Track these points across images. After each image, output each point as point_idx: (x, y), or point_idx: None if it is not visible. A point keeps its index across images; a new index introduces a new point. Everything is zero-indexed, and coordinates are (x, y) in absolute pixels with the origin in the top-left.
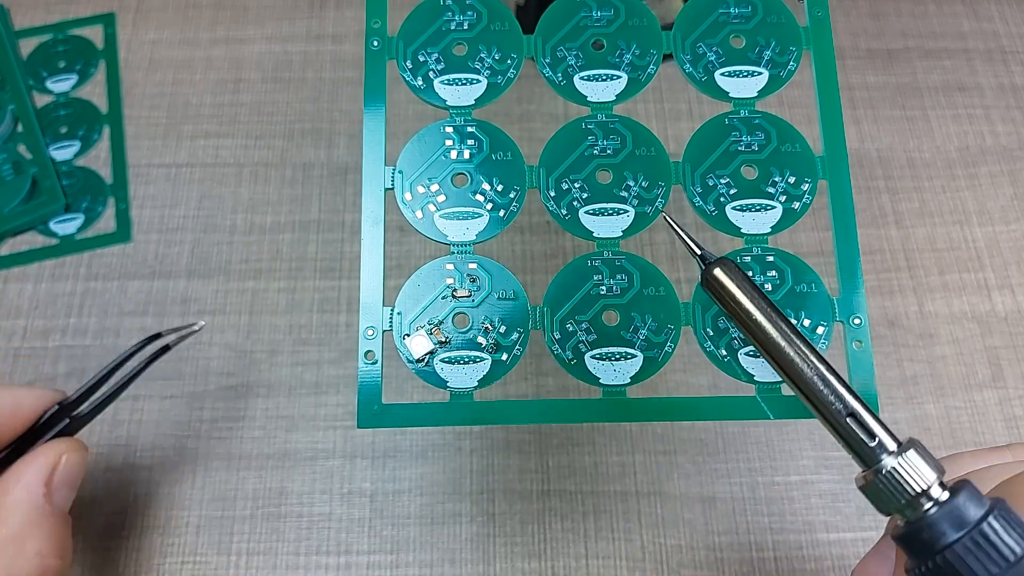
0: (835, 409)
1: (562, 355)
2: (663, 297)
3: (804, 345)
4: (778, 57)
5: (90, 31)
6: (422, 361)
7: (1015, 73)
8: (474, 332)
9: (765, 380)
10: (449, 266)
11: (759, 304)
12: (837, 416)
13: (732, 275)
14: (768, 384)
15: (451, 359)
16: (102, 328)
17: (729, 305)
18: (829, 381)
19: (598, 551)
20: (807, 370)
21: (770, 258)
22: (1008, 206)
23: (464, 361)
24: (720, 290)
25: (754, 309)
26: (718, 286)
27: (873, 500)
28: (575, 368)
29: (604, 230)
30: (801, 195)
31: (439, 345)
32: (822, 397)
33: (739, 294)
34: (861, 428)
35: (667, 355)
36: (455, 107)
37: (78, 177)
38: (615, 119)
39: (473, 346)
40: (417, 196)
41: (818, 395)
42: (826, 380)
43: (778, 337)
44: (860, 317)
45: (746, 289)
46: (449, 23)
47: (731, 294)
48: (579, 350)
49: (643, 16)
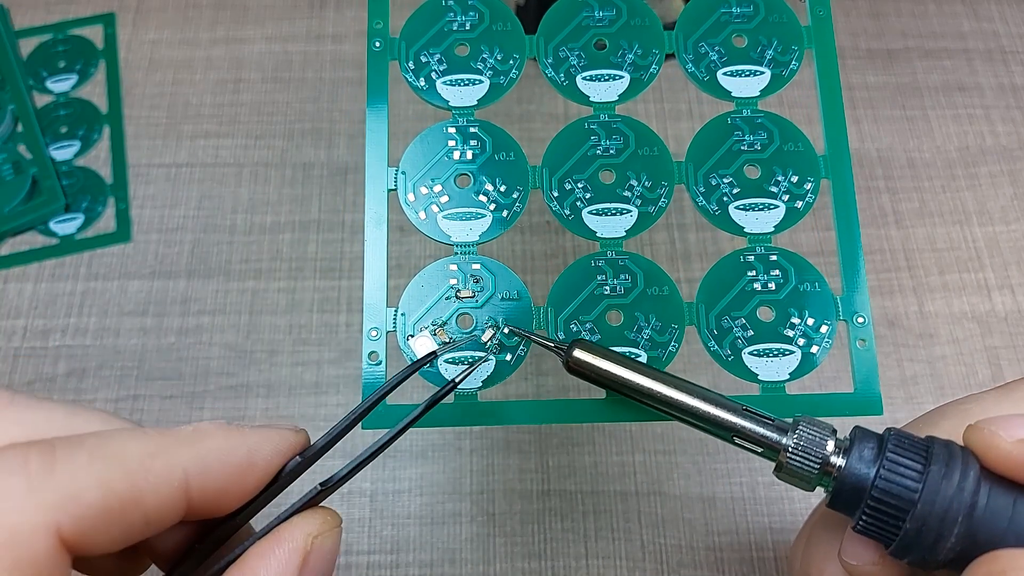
0: (729, 423)
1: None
2: (667, 297)
3: (679, 381)
4: (780, 56)
5: (90, 31)
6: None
7: (1015, 73)
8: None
9: (770, 379)
10: (452, 267)
11: (627, 364)
12: (732, 428)
13: (591, 350)
14: (772, 383)
15: (455, 359)
16: (102, 328)
17: (600, 376)
18: (715, 400)
19: (598, 551)
20: (692, 400)
21: (773, 257)
22: (1008, 206)
23: (469, 362)
24: (586, 368)
25: (624, 370)
26: (584, 365)
27: (794, 482)
28: None
29: (607, 230)
30: (804, 194)
31: (443, 346)
32: (714, 418)
33: (605, 363)
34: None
35: (671, 354)
36: (457, 108)
37: (78, 177)
38: (618, 119)
39: (477, 346)
40: (420, 197)
41: (711, 417)
42: (711, 400)
43: (656, 384)
44: (864, 316)
45: (609, 356)
46: (451, 24)
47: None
48: None
49: (645, 16)
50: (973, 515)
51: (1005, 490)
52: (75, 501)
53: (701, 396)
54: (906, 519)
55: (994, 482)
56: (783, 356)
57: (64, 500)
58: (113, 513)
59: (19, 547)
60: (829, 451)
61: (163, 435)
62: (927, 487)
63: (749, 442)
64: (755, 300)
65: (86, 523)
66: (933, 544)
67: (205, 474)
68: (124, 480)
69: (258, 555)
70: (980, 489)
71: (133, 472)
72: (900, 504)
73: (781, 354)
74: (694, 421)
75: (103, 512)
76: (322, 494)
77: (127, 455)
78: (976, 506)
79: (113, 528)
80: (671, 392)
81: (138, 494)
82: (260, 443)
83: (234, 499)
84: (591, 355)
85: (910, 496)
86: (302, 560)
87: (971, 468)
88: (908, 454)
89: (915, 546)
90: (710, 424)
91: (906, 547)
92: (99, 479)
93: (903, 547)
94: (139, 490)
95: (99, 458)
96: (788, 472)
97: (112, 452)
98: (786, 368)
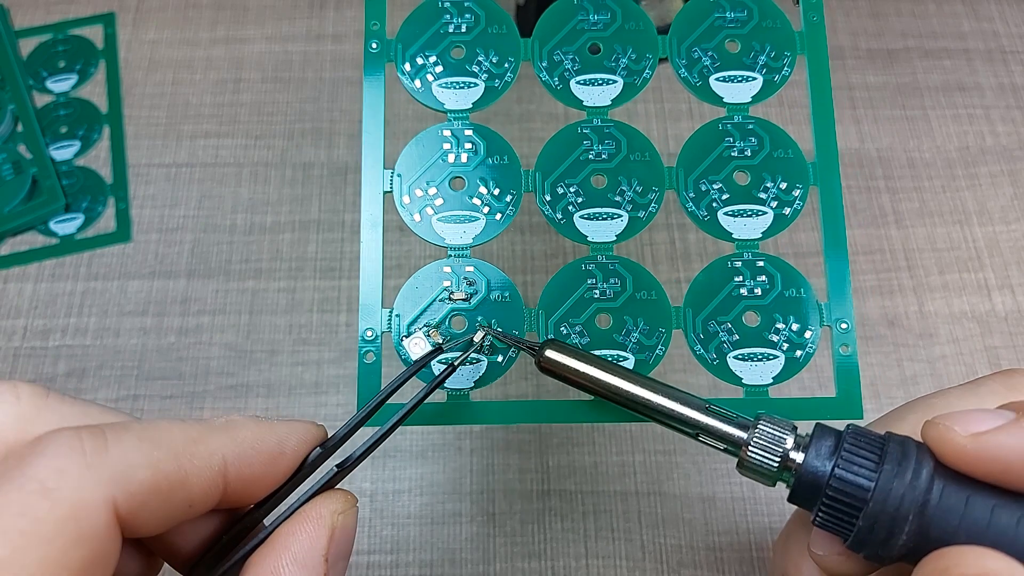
0: (692, 420)
1: None
2: (655, 301)
3: (647, 380)
4: (773, 62)
5: (90, 31)
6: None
7: (1015, 73)
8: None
9: (754, 383)
10: (446, 269)
11: (597, 363)
12: (696, 425)
13: (563, 350)
14: (756, 387)
15: (448, 361)
16: (102, 328)
17: (570, 376)
18: (680, 399)
19: (598, 551)
20: (657, 398)
21: (760, 263)
22: (1008, 206)
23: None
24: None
25: (593, 370)
26: (555, 364)
27: (756, 477)
28: None
29: (598, 234)
30: (792, 201)
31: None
32: (679, 415)
33: (574, 363)
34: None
35: (658, 358)
36: (453, 110)
37: (78, 177)
38: (610, 124)
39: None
40: (415, 199)
41: (676, 415)
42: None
43: (623, 383)
44: (847, 322)
45: (581, 356)
46: (447, 26)
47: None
48: None
49: (639, 20)
50: (925, 512)
51: (959, 487)
52: (128, 478)
53: (666, 394)
54: (859, 516)
55: (948, 479)
56: (767, 360)
57: (118, 477)
58: (162, 493)
59: (81, 520)
60: (788, 447)
61: (201, 424)
62: (879, 485)
63: (712, 439)
64: (741, 305)
65: (138, 500)
66: (886, 540)
67: (241, 460)
68: (172, 462)
69: (287, 533)
70: (933, 486)
71: (179, 455)
72: (853, 501)
73: (765, 358)
74: (660, 419)
75: (153, 491)
76: (339, 475)
77: (173, 439)
78: (928, 503)
79: (161, 508)
80: (637, 390)
81: (184, 475)
82: (288, 434)
83: (265, 486)
84: (562, 355)
85: (863, 494)
86: (330, 535)
87: (925, 465)
88: (863, 451)
89: (869, 542)
90: (675, 421)
91: (860, 542)
92: (149, 459)
93: (858, 542)
94: (185, 472)
95: (147, 440)
96: (748, 468)
97: (158, 436)
98: (770, 372)
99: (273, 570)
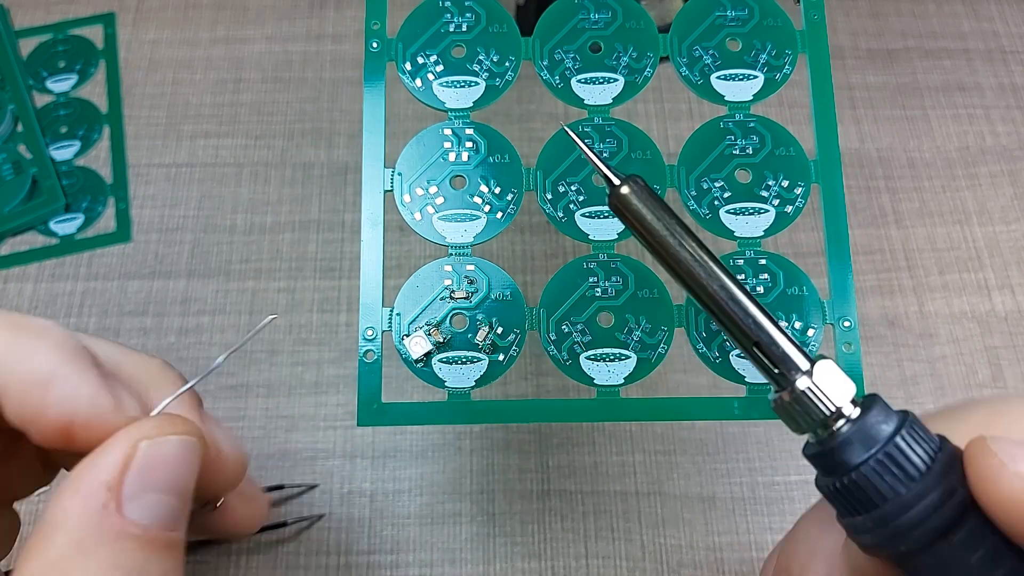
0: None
1: (558, 356)
2: (657, 299)
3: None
4: (774, 60)
5: (90, 31)
6: (421, 361)
7: (1015, 73)
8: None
9: (756, 382)
10: (447, 267)
11: (667, 223)
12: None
13: (640, 195)
14: (758, 386)
15: (449, 359)
16: (102, 328)
17: (636, 226)
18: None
19: (598, 551)
20: (717, 290)
21: (762, 261)
22: (1008, 206)
23: (462, 361)
24: (627, 211)
25: (661, 228)
26: (624, 206)
27: (794, 416)
28: (570, 369)
29: (600, 233)
30: (794, 199)
31: (437, 346)
32: (733, 318)
33: (647, 214)
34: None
35: (660, 356)
36: (454, 109)
37: (78, 177)
38: (611, 122)
39: (471, 346)
40: (416, 198)
41: (730, 315)
42: (735, 300)
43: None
44: (850, 320)
45: (654, 208)
46: (448, 25)
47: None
48: (574, 351)
49: (640, 19)
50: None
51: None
52: None
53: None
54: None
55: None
56: None
57: None
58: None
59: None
60: (844, 403)
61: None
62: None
63: (770, 354)
64: None
65: None
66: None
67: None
68: None
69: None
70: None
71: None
72: (866, 499)
73: None
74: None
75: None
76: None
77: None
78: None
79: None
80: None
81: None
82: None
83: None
84: (638, 199)
85: (880, 499)
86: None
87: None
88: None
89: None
90: (734, 319)
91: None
92: None
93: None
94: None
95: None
96: (794, 403)
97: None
98: None
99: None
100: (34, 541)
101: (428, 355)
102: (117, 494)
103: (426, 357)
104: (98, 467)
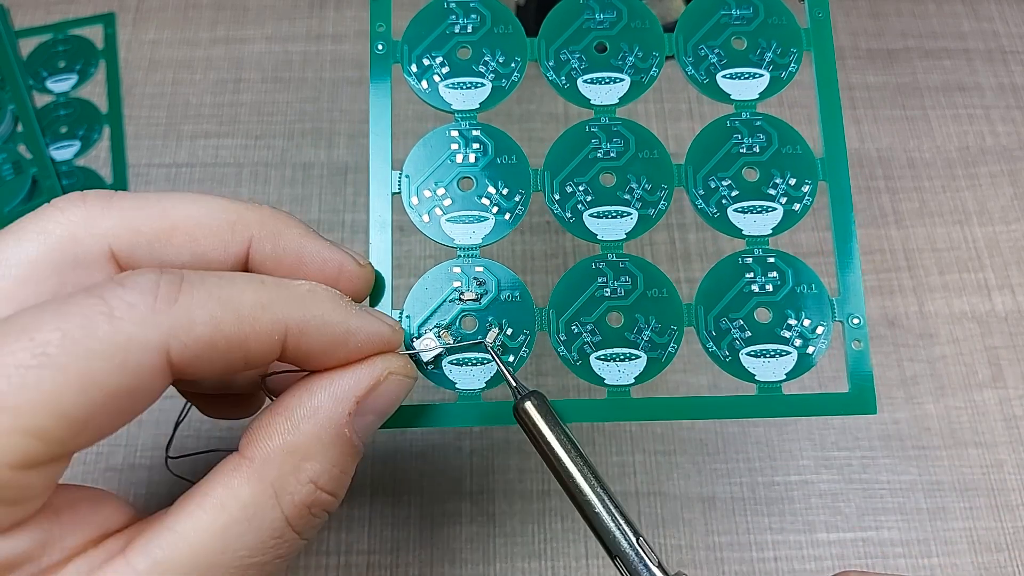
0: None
1: (568, 356)
2: (666, 299)
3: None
4: (779, 59)
5: (90, 31)
6: (431, 364)
7: (1015, 73)
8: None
9: (766, 380)
10: (456, 269)
11: (563, 441)
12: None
13: (540, 409)
14: (768, 383)
15: (459, 361)
16: None
17: (534, 434)
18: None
19: (598, 551)
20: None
21: (771, 259)
22: (1008, 206)
23: (472, 363)
24: (528, 423)
25: (558, 446)
26: (526, 417)
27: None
28: (580, 369)
29: (608, 233)
30: (801, 197)
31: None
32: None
33: (545, 429)
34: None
35: (670, 355)
36: (460, 111)
37: (78, 177)
38: (618, 122)
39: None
40: (424, 200)
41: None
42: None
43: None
44: (859, 317)
45: (553, 424)
46: (453, 26)
47: (538, 428)
48: (584, 351)
49: (645, 18)
50: None
51: None
52: (187, 332)
53: (608, 505)
54: None
55: None
56: (780, 357)
57: (178, 329)
58: (218, 350)
59: (131, 353)
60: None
61: (278, 288)
62: None
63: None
64: (753, 302)
65: (192, 352)
66: None
67: (302, 335)
68: (233, 324)
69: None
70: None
71: (243, 319)
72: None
73: (778, 355)
74: (593, 524)
75: (209, 347)
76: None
77: (242, 302)
78: None
79: (216, 363)
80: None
81: (243, 339)
82: (360, 326)
83: (320, 364)
84: (537, 413)
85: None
86: (372, 383)
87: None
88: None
89: None
90: (602, 534)
91: None
92: (212, 317)
93: None
94: (244, 336)
95: (216, 299)
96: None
97: (229, 296)
98: (783, 369)
99: (307, 387)
100: (279, 421)
101: (439, 357)
102: (356, 411)
103: (436, 359)
104: (357, 381)
